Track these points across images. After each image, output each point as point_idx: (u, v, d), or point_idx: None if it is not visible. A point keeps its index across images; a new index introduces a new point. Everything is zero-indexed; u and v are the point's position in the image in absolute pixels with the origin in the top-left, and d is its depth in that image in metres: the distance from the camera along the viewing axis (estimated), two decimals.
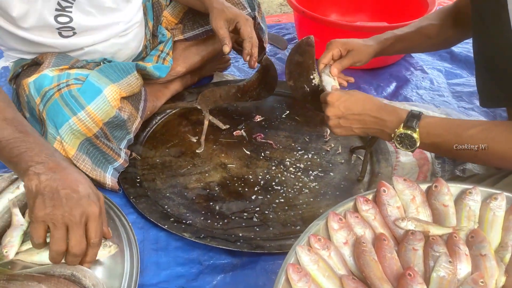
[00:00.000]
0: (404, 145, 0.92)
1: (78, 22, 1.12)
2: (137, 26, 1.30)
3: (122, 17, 1.22)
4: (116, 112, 1.09)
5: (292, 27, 2.00)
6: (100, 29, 1.18)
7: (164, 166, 1.25)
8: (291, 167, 1.26)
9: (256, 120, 1.43)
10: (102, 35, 1.19)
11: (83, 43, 1.17)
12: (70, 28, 1.12)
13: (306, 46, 1.03)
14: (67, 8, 1.09)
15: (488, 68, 1.09)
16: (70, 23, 1.11)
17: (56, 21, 1.09)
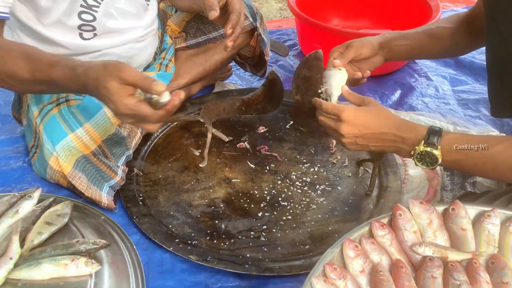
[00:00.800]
0: (424, 162, 0.88)
1: (101, 22, 1.11)
2: (152, 34, 1.29)
3: (140, 23, 1.22)
4: (116, 129, 1.05)
5: (293, 32, 1.97)
6: (120, 32, 1.17)
7: (167, 182, 1.22)
8: (297, 181, 1.23)
9: (260, 132, 1.39)
10: (121, 39, 1.18)
11: (102, 45, 1.16)
12: (92, 28, 1.10)
13: (315, 60, 1.00)
14: (93, 7, 1.08)
15: (501, 78, 1.06)
16: (93, 22, 1.09)
17: (79, 17, 1.07)
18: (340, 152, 1.32)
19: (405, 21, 1.77)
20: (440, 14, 1.62)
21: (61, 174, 1.02)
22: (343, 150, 1.33)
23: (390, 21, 1.86)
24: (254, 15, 1.39)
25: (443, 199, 1.16)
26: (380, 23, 1.89)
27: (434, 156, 0.86)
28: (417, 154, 0.88)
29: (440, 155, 0.86)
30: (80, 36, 1.12)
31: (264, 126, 1.41)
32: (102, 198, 1.07)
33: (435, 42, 1.13)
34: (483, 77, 1.68)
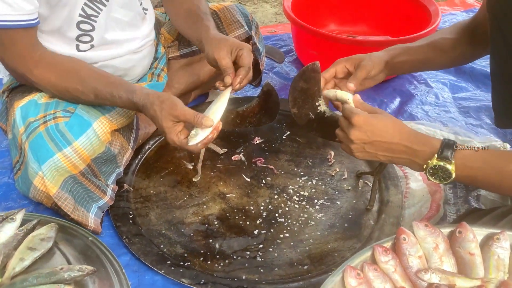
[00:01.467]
0: (437, 177, 0.84)
1: (99, 32, 1.09)
2: (150, 44, 1.26)
3: (138, 33, 1.19)
4: (106, 147, 1.00)
5: (288, 38, 1.92)
6: (117, 43, 1.14)
7: (158, 198, 1.17)
8: (294, 196, 1.18)
9: (255, 143, 1.35)
10: (119, 50, 1.15)
11: (99, 57, 1.13)
12: (90, 39, 1.08)
13: (312, 72, 0.95)
14: (92, 16, 1.06)
15: (507, 87, 1.02)
16: (91, 32, 1.07)
17: (78, 27, 1.05)
18: (338, 164, 1.28)
19: (404, 26, 1.73)
20: (439, 19, 1.58)
21: (45, 194, 0.97)
22: (341, 162, 1.29)
23: (388, 26, 1.82)
24: (249, 23, 1.35)
25: (446, 213, 1.12)
26: (378, 28, 1.85)
27: (447, 171, 0.82)
28: (429, 168, 0.84)
29: (453, 170, 0.82)
30: (77, 48, 1.08)
31: (260, 137, 1.36)
32: (89, 220, 1.02)
33: (438, 55, 1.10)
34: (483, 83, 1.64)
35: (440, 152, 0.82)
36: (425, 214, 1.10)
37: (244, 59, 1.03)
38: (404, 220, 1.11)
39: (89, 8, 1.04)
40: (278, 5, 2.30)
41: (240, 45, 1.05)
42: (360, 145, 0.89)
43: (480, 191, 1.15)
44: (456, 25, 1.14)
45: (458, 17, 2.08)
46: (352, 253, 1.03)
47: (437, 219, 1.09)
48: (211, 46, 1.05)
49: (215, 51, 1.04)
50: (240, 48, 1.04)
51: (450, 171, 0.82)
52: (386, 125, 0.88)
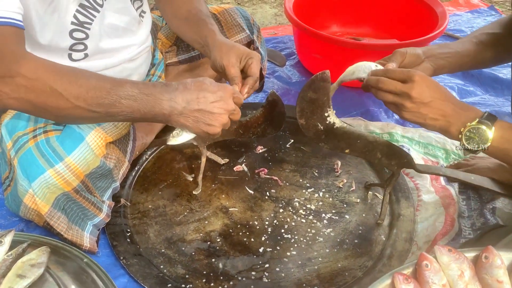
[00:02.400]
0: (472, 142, 0.84)
1: (94, 40, 1.01)
2: (146, 50, 1.19)
3: (135, 40, 1.11)
4: (101, 162, 0.93)
5: (290, 40, 1.86)
6: (113, 52, 1.07)
7: (157, 213, 1.10)
8: (300, 209, 1.12)
9: (258, 152, 1.29)
10: (114, 60, 1.08)
11: (93, 67, 1.03)
12: (83, 47, 0.99)
13: (321, 81, 0.89)
14: (85, 24, 0.97)
15: None
16: (85, 40, 0.99)
17: (71, 36, 0.96)
18: (345, 175, 1.22)
19: (410, 29, 1.68)
20: (447, 21, 1.53)
21: (36, 213, 0.90)
22: (349, 172, 1.23)
23: (392, 28, 1.76)
24: (251, 27, 1.28)
25: (461, 228, 1.06)
26: (382, 30, 1.79)
27: (485, 135, 0.83)
28: (467, 131, 0.84)
29: (491, 137, 0.83)
30: (69, 57, 0.99)
31: (263, 146, 1.30)
32: (84, 240, 0.95)
33: (481, 49, 1.06)
34: (492, 87, 1.59)
35: (482, 117, 0.84)
36: (440, 229, 1.05)
37: (253, 68, 0.99)
38: (417, 235, 1.05)
39: (81, 15, 0.97)
40: (278, 6, 2.24)
41: (250, 54, 1.01)
42: (417, 104, 0.86)
43: (495, 204, 1.10)
44: (498, 21, 1.11)
45: (463, 17, 2.03)
46: (364, 272, 0.98)
47: (453, 234, 1.04)
48: (220, 53, 1.00)
49: (223, 57, 0.99)
50: (249, 57, 1.00)
51: (487, 136, 0.82)
52: (439, 86, 0.88)
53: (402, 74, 0.88)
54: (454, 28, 1.93)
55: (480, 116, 0.84)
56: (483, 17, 2.02)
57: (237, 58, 1.00)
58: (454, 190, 1.15)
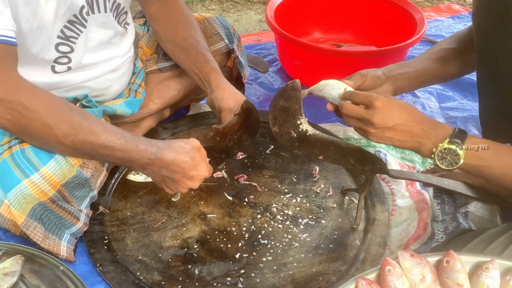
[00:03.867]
0: (445, 162, 0.85)
1: (78, 54, 1.03)
2: (129, 61, 1.21)
3: (118, 51, 1.14)
4: (78, 171, 0.95)
5: (273, 46, 1.88)
6: (96, 64, 1.09)
7: (135, 221, 1.11)
8: (278, 215, 1.14)
9: (238, 158, 1.30)
10: (97, 72, 1.10)
11: (75, 80, 1.07)
12: (67, 60, 1.02)
13: (292, 90, 0.91)
14: (71, 38, 1.00)
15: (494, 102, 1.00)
16: (70, 53, 1.01)
17: (56, 49, 0.98)
18: (323, 180, 1.24)
19: (390, 34, 1.70)
20: (425, 27, 1.55)
21: (13, 223, 0.91)
22: (326, 177, 1.25)
23: (373, 34, 1.79)
24: (231, 36, 1.30)
25: (434, 232, 1.08)
26: (363, 36, 1.82)
27: (457, 155, 0.83)
28: (439, 151, 0.84)
29: (463, 155, 0.83)
30: (52, 70, 1.01)
31: (243, 152, 1.32)
32: (61, 249, 0.97)
33: (440, 65, 1.08)
34: (470, 92, 1.61)
35: (453, 136, 0.83)
36: (412, 233, 1.07)
37: None
38: (391, 240, 1.07)
39: (68, 30, 0.98)
40: (263, 12, 2.26)
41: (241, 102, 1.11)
42: (381, 129, 0.87)
43: (468, 208, 1.12)
44: (455, 36, 1.12)
45: (444, 23, 2.06)
46: (338, 277, 1.00)
47: (425, 238, 1.06)
48: (222, 96, 1.14)
49: (223, 102, 1.13)
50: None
51: (460, 155, 0.83)
52: (404, 108, 0.87)
53: (364, 98, 0.87)
54: (435, 34, 1.96)
55: (450, 135, 0.84)
56: (464, 23, 2.05)
57: (235, 105, 1.11)
58: (429, 195, 1.18)
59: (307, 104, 1.58)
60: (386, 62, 1.57)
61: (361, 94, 0.89)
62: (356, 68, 1.50)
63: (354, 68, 1.51)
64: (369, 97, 0.87)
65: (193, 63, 1.18)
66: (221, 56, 1.32)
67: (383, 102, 0.85)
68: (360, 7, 1.80)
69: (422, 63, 1.07)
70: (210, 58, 1.18)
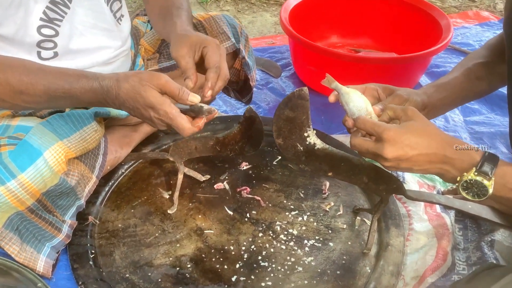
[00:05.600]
0: (471, 192, 0.75)
1: (64, 39, 0.95)
2: (124, 54, 1.11)
3: (111, 42, 1.05)
4: (61, 179, 0.87)
5: (287, 50, 1.78)
6: (85, 52, 1.01)
7: (126, 234, 1.03)
8: (281, 234, 1.04)
9: (242, 169, 1.21)
10: (87, 61, 1.01)
11: None
12: (53, 45, 0.94)
13: (299, 99, 0.81)
14: (55, 20, 0.92)
15: None
16: (55, 37, 0.93)
17: (39, 32, 0.91)
18: (333, 197, 1.13)
19: (412, 41, 1.59)
20: (451, 34, 1.44)
21: None
22: (337, 194, 1.14)
23: (394, 41, 1.68)
24: (237, 35, 1.21)
25: (454, 262, 0.97)
26: (383, 42, 1.71)
27: (484, 188, 0.74)
28: (463, 182, 0.75)
29: (491, 186, 0.73)
30: (38, 56, 0.94)
31: (248, 162, 1.22)
32: (38, 264, 0.88)
33: (476, 84, 0.99)
34: (499, 106, 1.49)
35: (480, 166, 0.73)
36: (430, 263, 0.95)
37: (210, 58, 0.88)
38: (405, 269, 0.96)
39: (51, 11, 0.91)
40: (279, 15, 2.17)
41: (204, 42, 0.89)
42: (395, 162, 0.77)
43: (494, 236, 1.00)
44: (486, 46, 1.02)
45: (472, 30, 1.93)
46: None
47: (444, 269, 0.94)
48: (172, 46, 0.91)
49: (173, 49, 0.90)
50: (204, 45, 0.89)
51: (487, 188, 0.73)
52: (422, 134, 0.76)
53: (372, 129, 0.77)
54: (462, 42, 1.83)
55: (477, 163, 0.73)
56: (493, 31, 1.92)
57: (189, 49, 0.88)
58: (450, 219, 1.06)
59: (320, 112, 1.49)
60: (407, 71, 1.46)
61: (368, 124, 0.78)
62: (375, 77, 1.39)
63: (373, 76, 1.41)
64: (377, 128, 0.76)
65: (164, 26, 1.02)
66: (227, 57, 1.22)
67: (393, 133, 0.74)
68: (381, 10, 1.69)
69: (457, 84, 0.97)
70: (175, 13, 0.99)
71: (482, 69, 0.99)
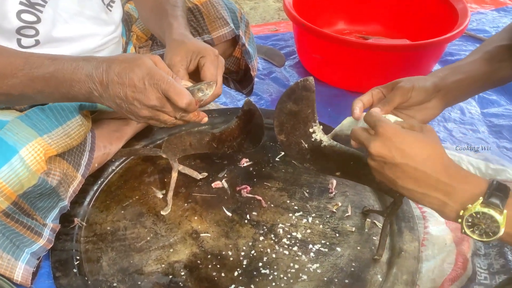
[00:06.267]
0: (477, 230, 0.61)
1: (46, 26, 0.86)
2: (115, 42, 1.02)
3: (99, 29, 0.95)
4: (40, 179, 0.78)
5: (291, 38, 1.68)
6: (69, 41, 0.91)
7: (115, 238, 0.94)
8: (284, 238, 0.95)
9: (242, 165, 1.12)
10: (72, 49, 0.92)
11: None
12: (34, 32, 0.85)
13: (303, 91, 0.72)
14: (37, 5, 0.83)
15: None
16: (36, 24, 0.84)
17: (19, 18, 0.82)
18: (341, 197, 1.05)
19: (426, 27, 1.48)
20: (468, 18, 1.33)
21: None
22: (345, 193, 1.05)
23: (406, 26, 1.57)
24: (237, 21, 1.11)
25: (475, 270, 0.88)
26: (394, 28, 1.60)
27: (494, 222, 0.59)
28: (468, 215, 0.61)
29: (503, 222, 0.59)
30: (18, 43, 0.85)
31: (248, 159, 1.13)
32: (15, 272, 0.80)
33: (497, 67, 0.86)
34: None
35: (488, 195, 0.60)
36: (449, 272, 0.86)
37: (206, 71, 0.80)
38: (421, 278, 0.87)
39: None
40: None
41: (202, 51, 0.82)
42: (378, 162, 0.66)
43: None
44: (508, 29, 0.91)
45: (488, 16, 1.82)
46: None
47: (465, 279, 0.85)
48: (167, 52, 0.83)
49: (167, 56, 0.82)
50: (201, 55, 0.81)
51: (499, 223, 0.59)
52: (422, 146, 0.64)
53: (374, 122, 0.68)
54: (477, 28, 1.72)
55: (484, 192, 0.60)
56: (511, 16, 1.81)
57: (184, 57, 0.81)
58: None
59: (327, 104, 1.39)
60: (421, 59, 1.36)
61: (370, 114, 0.69)
62: (386, 66, 1.29)
63: (383, 65, 1.31)
64: (377, 121, 0.67)
65: (158, 24, 0.94)
66: (226, 44, 1.13)
67: (389, 130, 0.65)
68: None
69: (475, 67, 0.85)
70: (172, 13, 0.92)
71: (505, 52, 0.87)
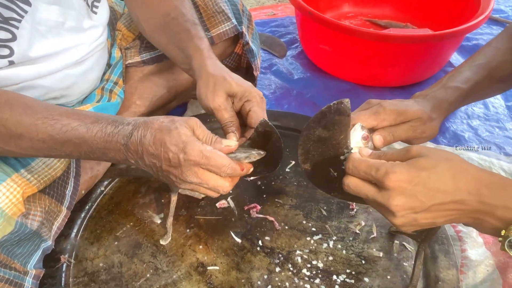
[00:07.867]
0: None
1: (22, 44, 0.72)
2: (100, 48, 0.88)
3: (82, 38, 0.82)
4: (17, 224, 0.65)
5: (291, 23, 1.53)
6: (50, 57, 0.77)
7: (110, 276, 0.82)
8: (304, 268, 0.84)
9: (249, 180, 0.99)
10: (53, 65, 0.78)
11: (22, 76, 0.75)
12: (8, 52, 0.71)
13: (336, 115, 0.59)
14: (12, 20, 0.68)
15: None
16: (10, 42, 0.70)
17: None
18: (363, 214, 0.93)
19: (440, 13, 1.34)
20: (492, 5, 1.19)
21: None
22: (367, 210, 0.94)
23: (419, 9, 1.43)
24: (238, 14, 0.96)
25: None
26: (405, 12, 1.46)
27: None
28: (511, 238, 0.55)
29: None
30: None
31: None
32: None
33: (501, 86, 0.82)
34: None
35: None
36: None
37: (256, 116, 0.73)
38: None
39: (7, 9, 0.67)
40: None
41: (248, 94, 0.74)
42: (409, 216, 0.56)
43: None
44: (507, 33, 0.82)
45: None
46: None
47: None
48: (206, 89, 0.73)
49: (209, 97, 0.73)
50: (247, 99, 0.73)
51: None
52: (442, 174, 0.55)
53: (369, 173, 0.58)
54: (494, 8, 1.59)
55: None
56: None
57: (228, 98, 0.74)
58: None
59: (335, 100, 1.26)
60: (442, 49, 1.22)
61: (363, 166, 0.58)
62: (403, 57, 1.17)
63: (401, 57, 1.18)
64: (374, 172, 0.56)
65: (176, 44, 0.84)
66: (226, 41, 0.99)
67: (398, 179, 0.55)
68: None
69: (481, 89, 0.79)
70: (196, 34, 0.83)
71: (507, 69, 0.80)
